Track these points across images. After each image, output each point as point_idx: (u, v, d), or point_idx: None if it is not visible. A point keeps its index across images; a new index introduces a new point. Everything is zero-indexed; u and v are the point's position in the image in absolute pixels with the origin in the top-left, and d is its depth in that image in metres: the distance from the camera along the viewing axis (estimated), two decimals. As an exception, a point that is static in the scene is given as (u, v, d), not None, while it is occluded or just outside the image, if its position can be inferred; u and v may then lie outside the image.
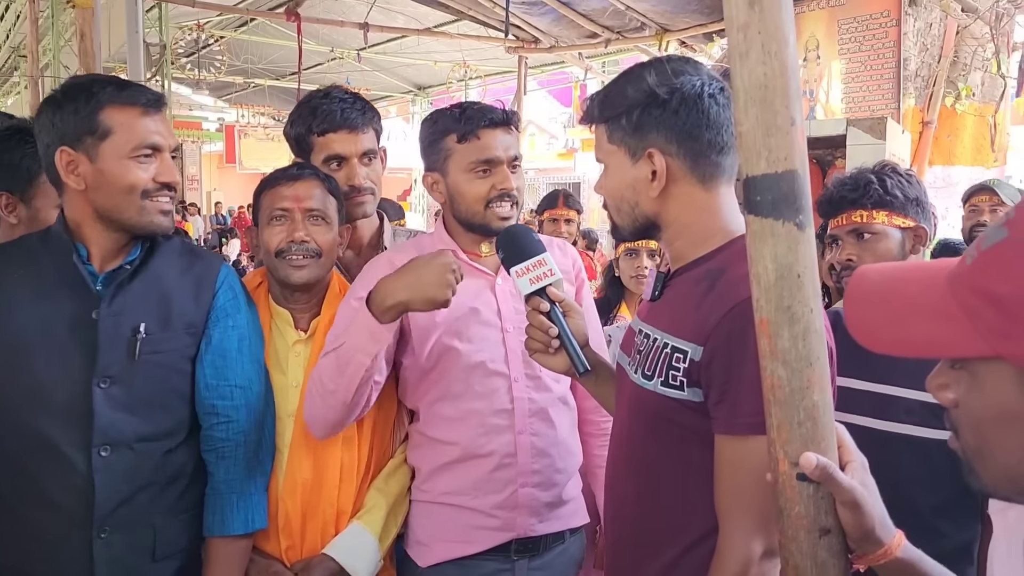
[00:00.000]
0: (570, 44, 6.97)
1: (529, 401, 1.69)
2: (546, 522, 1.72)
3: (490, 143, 1.66)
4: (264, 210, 1.72)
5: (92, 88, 1.47)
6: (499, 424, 1.67)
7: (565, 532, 1.77)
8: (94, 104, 1.45)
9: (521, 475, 1.67)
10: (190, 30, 9.55)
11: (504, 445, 1.67)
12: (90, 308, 1.47)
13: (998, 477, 0.73)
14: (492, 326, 1.69)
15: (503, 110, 1.69)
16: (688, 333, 1.17)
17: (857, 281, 0.82)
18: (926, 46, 5.83)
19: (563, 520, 1.75)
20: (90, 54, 3.81)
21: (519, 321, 1.67)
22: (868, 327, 0.79)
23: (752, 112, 0.92)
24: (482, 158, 1.65)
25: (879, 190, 1.68)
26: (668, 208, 1.25)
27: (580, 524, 1.81)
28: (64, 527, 1.45)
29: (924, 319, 0.73)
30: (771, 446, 0.96)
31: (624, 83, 1.25)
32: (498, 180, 1.66)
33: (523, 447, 1.67)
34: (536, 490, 1.69)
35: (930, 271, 0.76)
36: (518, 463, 1.67)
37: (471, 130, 1.65)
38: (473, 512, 1.68)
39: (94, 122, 1.45)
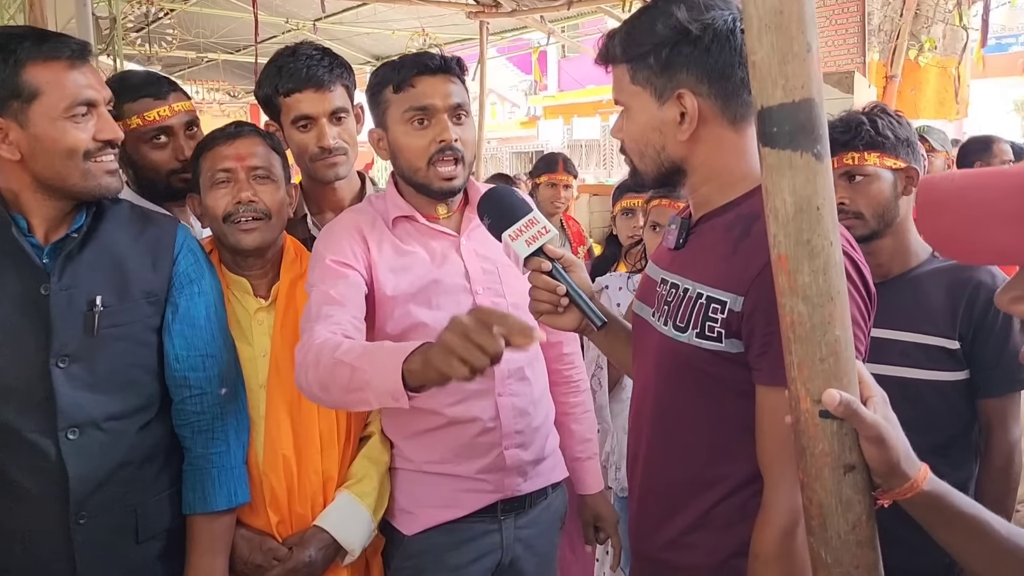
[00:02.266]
0: (532, 7, 6.86)
1: (506, 362, 1.62)
2: (530, 480, 1.70)
3: (426, 90, 1.55)
4: (205, 173, 1.61)
5: (8, 45, 1.32)
6: (477, 389, 1.62)
7: (547, 488, 1.76)
8: (14, 63, 1.31)
9: (505, 437, 1.65)
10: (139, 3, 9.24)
11: (486, 409, 1.63)
12: (38, 283, 1.36)
13: None
14: (461, 290, 1.62)
15: (441, 55, 1.59)
16: (725, 282, 1.12)
17: (927, 189, 0.79)
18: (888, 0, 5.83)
19: (545, 476, 1.74)
20: (40, 24, 3.65)
21: (488, 282, 1.63)
22: (946, 235, 0.77)
23: (767, 39, 0.89)
24: (416, 105, 1.55)
25: (870, 131, 1.66)
26: (696, 151, 1.19)
27: (560, 479, 1.81)
28: (39, 516, 1.37)
29: (1005, 225, 0.71)
30: (792, 384, 0.94)
31: (650, 19, 1.17)
32: (437, 131, 1.56)
33: (505, 409, 1.64)
34: (520, 450, 1.67)
35: (1006, 177, 0.73)
36: (501, 426, 1.64)
37: (405, 78, 1.56)
38: (459, 479, 1.64)
39: (17, 83, 1.31)
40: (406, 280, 1.58)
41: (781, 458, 1.07)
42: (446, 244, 1.65)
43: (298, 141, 1.81)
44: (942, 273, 1.64)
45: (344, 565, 1.62)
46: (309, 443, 1.61)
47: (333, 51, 1.86)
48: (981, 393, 1.60)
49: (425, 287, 1.59)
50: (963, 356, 1.59)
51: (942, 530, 0.94)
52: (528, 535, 1.72)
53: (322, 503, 1.62)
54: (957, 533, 0.94)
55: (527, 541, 1.72)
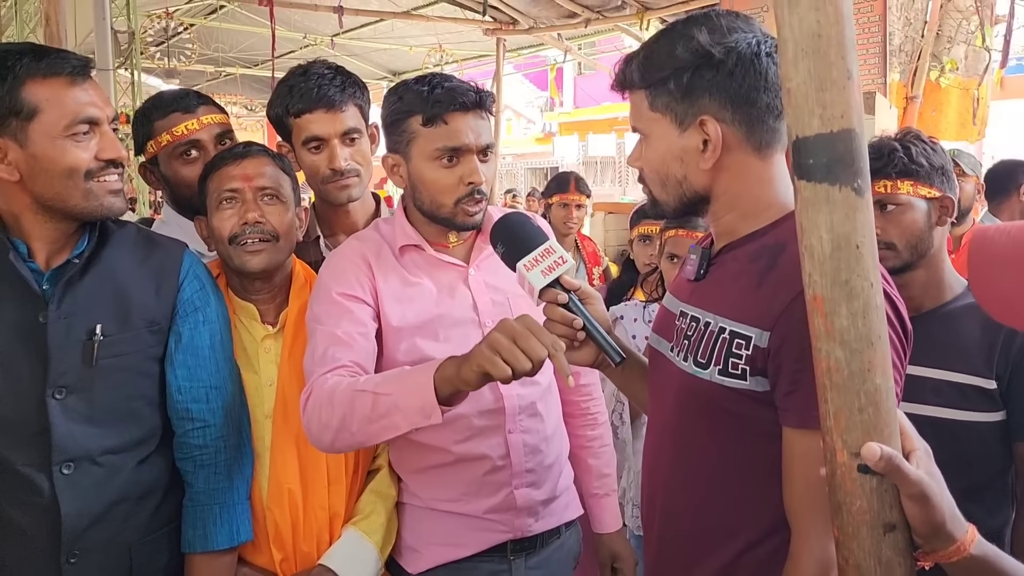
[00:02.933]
0: (549, 25, 6.85)
1: (518, 397, 1.57)
2: (542, 519, 1.63)
3: (459, 129, 1.47)
4: (212, 194, 1.56)
5: (6, 61, 1.27)
6: (487, 425, 1.55)
7: (561, 527, 1.69)
8: (12, 80, 1.26)
9: (515, 476, 1.57)
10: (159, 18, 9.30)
11: (495, 447, 1.56)
12: (36, 311, 1.31)
13: None
14: (469, 322, 1.55)
15: (476, 90, 1.51)
16: (749, 316, 1.06)
17: (981, 244, 0.73)
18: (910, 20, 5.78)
19: (557, 515, 1.67)
20: (57, 40, 3.63)
21: (497, 314, 1.56)
22: (1007, 299, 0.69)
23: (803, 65, 0.83)
24: (449, 145, 1.47)
25: (903, 158, 1.59)
26: (720, 180, 1.13)
27: (575, 517, 1.73)
28: (28, 554, 1.31)
29: None
30: (827, 435, 0.88)
31: (669, 42, 1.11)
32: (466, 172, 1.49)
33: (515, 446, 1.57)
34: (531, 489, 1.59)
35: None
36: (512, 464, 1.57)
37: (438, 113, 1.47)
38: (467, 517, 1.57)
39: (16, 101, 1.26)
40: (412, 312, 1.52)
41: (811, 506, 1.00)
42: (454, 275, 1.58)
43: (309, 163, 1.76)
44: (978, 308, 1.55)
45: (350, 604, 1.55)
46: (316, 477, 1.55)
47: (347, 69, 1.81)
48: (1018, 435, 1.52)
49: (431, 320, 1.53)
50: (1000, 396, 1.51)
51: None
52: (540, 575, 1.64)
53: (328, 540, 1.56)
54: None
55: None
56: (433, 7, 7.56)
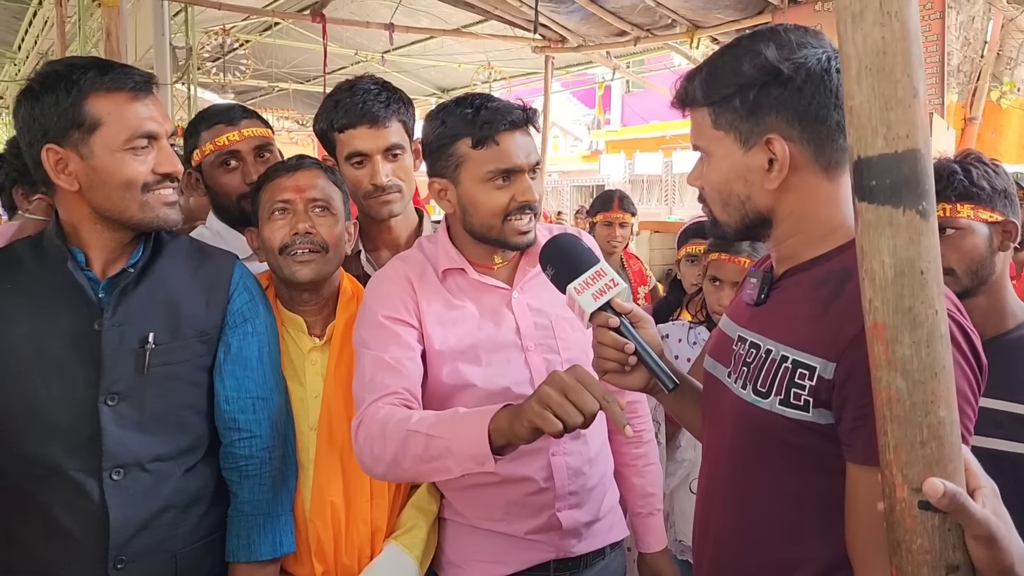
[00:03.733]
0: (598, 43, 6.84)
1: None
2: (585, 541, 1.60)
3: (510, 149, 1.46)
4: (264, 205, 1.59)
5: (72, 75, 1.31)
6: (531, 447, 1.51)
7: (605, 548, 1.65)
8: (76, 93, 1.30)
9: (559, 498, 1.55)
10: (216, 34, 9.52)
11: (539, 470, 1.54)
12: (91, 319, 1.34)
13: None
14: (512, 347, 1.53)
15: (522, 108, 1.49)
16: (814, 346, 1.01)
17: None
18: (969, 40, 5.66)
19: (601, 537, 1.64)
20: (116, 55, 3.74)
21: (540, 338, 1.54)
22: None
23: (867, 83, 0.80)
24: (502, 167, 1.45)
25: (964, 181, 1.54)
26: (785, 201, 1.09)
27: (620, 539, 1.70)
28: (77, 558, 1.33)
29: None
30: (886, 468, 0.84)
31: (735, 58, 1.08)
32: (519, 191, 1.47)
33: (559, 469, 1.55)
34: (575, 511, 1.57)
35: None
36: (555, 487, 1.54)
37: (489, 135, 1.45)
38: (509, 537, 1.56)
39: (80, 113, 1.30)
40: (454, 336, 1.50)
41: (875, 546, 0.95)
42: (497, 298, 1.56)
43: (352, 177, 1.77)
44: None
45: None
46: (359, 491, 1.55)
47: (393, 85, 1.82)
48: (1087, 471, 1.45)
49: (474, 344, 1.51)
50: (1066, 429, 1.45)
51: None
52: None
53: (369, 554, 1.56)
54: None
55: None
56: (483, 25, 7.61)
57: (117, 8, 3.67)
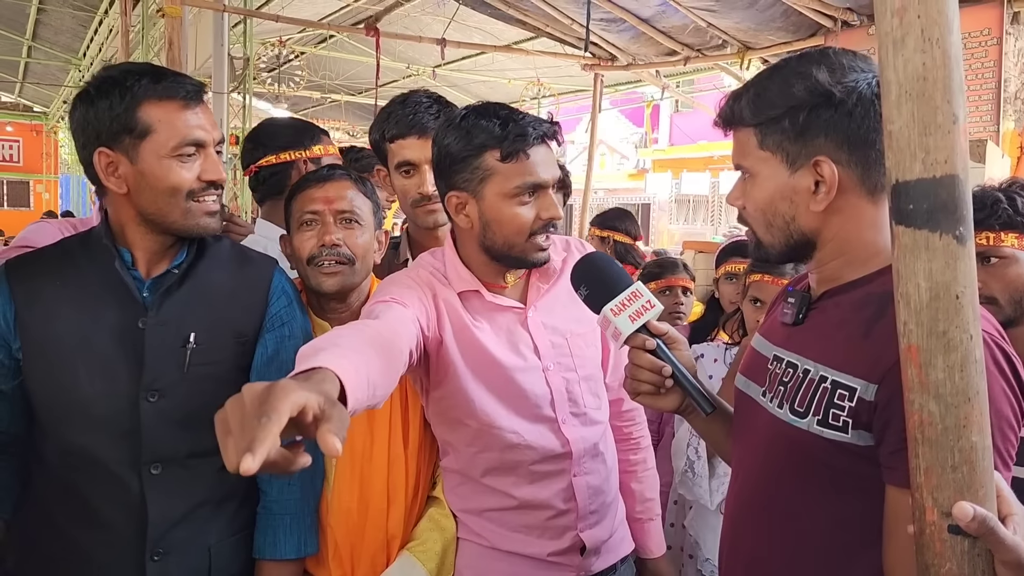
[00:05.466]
0: (648, 62, 6.85)
1: (582, 440, 1.54)
2: (602, 557, 1.60)
3: (539, 163, 1.42)
4: (295, 215, 1.61)
5: (126, 82, 1.34)
6: (551, 470, 1.52)
7: (617, 563, 1.64)
8: (130, 100, 1.33)
9: (581, 519, 1.54)
10: (272, 45, 9.75)
11: (560, 492, 1.52)
12: (136, 317, 1.38)
13: None
14: (531, 368, 1.51)
15: (549, 121, 1.47)
16: (855, 367, 1.01)
17: None
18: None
19: (615, 552, 1.63)
20: (177, 63, 3.86)
21: (557, 356, 1.53)
22: None
23: (907, 108, 0.81)
24: (531, 181, 1.41)
25: (1008, 210, 1.52)
26: (830, 223, 1.09)
27: (629, 551, 1.69)
28: (116, 549, 1.37)
29: None
30: (916, 491, 0.84)
31: (785, 80, 1.08)
32: (544, 207, 1.44)
33: (580, 490, 1.54)
34: (595, 530, 1.56)
35: None
36: (578, 508, 1.53)
37: (520, 147, 1.40)
38: (529, 559, 1.54)
39: (132, 119, 1.33)
40: (475, 357, 1.48)
41: (912, 571, 0.95)
42: (511, 318, 1.53)
43: (401, 186, 1.81)
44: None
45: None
46: (374, 499, 1.56)
47: (445, 99, 1.86)
48: None
49: (496, 364, 1.48)
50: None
51: None
52: None
53: (384, 562, 1.56)
54: None
55: None
56: (533, 42, 7.68)
57: (180, 19, 3.79)
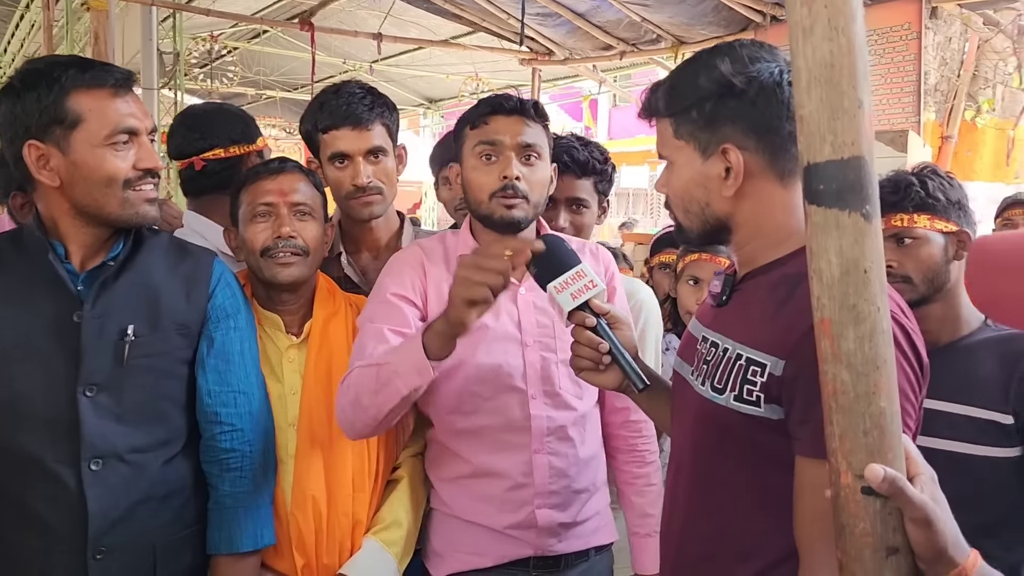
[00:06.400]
0: (584, 56, 6.93)
1: (547, 419, 1.60)
2: (565, 541, 1.64)
3: (498, 128, 1.58)
4: (246, 207, 1.62)
5: (53, 72, 1.33)
6: (513, 442, 1.59)
7: (590, 550, 1.69)
8: (58, 90, 1.32)
9: (538, 496, 1.59)
10: (203, 40, 9.54)
11: (519, 464, 1.59)
12: (71, 310, 1.36)
13: None
14: (511, 339, 1.60)
15: (518, 98, 1.62)
16: (766, 344, 1.07)
17: (981, 252, 0.77)
18: (946, 60, 5.77)
19: (584, 539, 1.67)
20: (104, 58, 3.77)
21: (541, 335, 1.60)
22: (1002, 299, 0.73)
23: (816, 93, 0.85)
24: (485, 139, 1.58)
25: (920, 192, 1.60)
26: (742, 208, 1.15)
27: (606, 543, 1.73)
28: (55, 550, 1.34)
29: None
30: (832, 457, 0.89)
31: (693, 72, 1.14)
32: (502, 168, 1.56)
33: (540, 467, 1.59)
34: (554, 511, 1.61)
35: None
36: (534, 483, 1.59)
37: (482, 114, 1.60)
38: (488, 530, 1.60)
39: (61, 110, 1.32)
40: None
41: (819, 536, 1.00)
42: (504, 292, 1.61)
43: (334, 178, 1.81)
44: (995, 343, 1.57)
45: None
46: (341, 485, 1.58)
47: (378, 90, 1.86)
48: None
49: (477, 329, 1.53)
50: (1017, 431, 1.51)
51: None
52: None
53: (350, 546, 1.59)
54: None
55: None
56: (471, 36, 7.68)
57: (106, 12, 3.70)
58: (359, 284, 1.88)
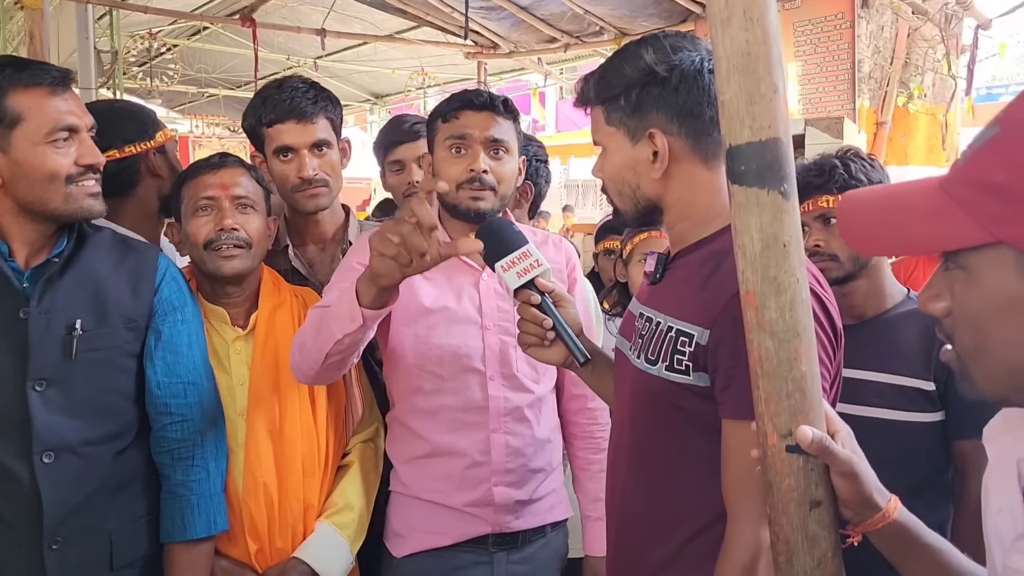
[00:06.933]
0: (529, 49, 6.97)
1: (504, 400, 1.66)
2: (522, 518, 1.70)
3: (467, 122, 1.64)
4: (188, 201, 1.64)
5: None
6: (471, 421, 1.65)
7: (546, 527, 1.75)
8: None
9: (495, 474, 1.65)
10: (142, 38, 9.35)
11: (477, 444, 1.65)
12: (17, 307, 1.38)
13: (996, 374, 0.75)
14: (471, 322, 1.66)
15: (488, 93, 1.68)
16: (693, 316, 1.13)
17: (848, 201, 0.86)
18: (879, 48, 5.94)
19: (540, 516, 1.73)
20: (40, 58, 3.70)
21: (500, 319, 1.66)
22: (866, 236, 0.83)
23: (735, 80, 0.91)
24: (455, 134, 1.64)
25: (844, 174, 1.69)
26: (670, 189, 1.21)
27: (560, 519, 1.79)
28: (12, 542, 1.36)
29: (922, 220, 0.76)
30: (759, 419, 0.95)
31: (620, 62, 1.21)
32: (469, 161, 1.63)
33: (497, 446, 1.65)
34: (510, 489, 1.67)
35: (919, 183, 0.81)
36: (492, 462, 1.65)
37: (452, 109, 1.66)
38: (447, 509, 1.66)
39: (0, 109, 1.35)
40: (418, 301, 1.64)
41: (743, 493, 1.07)
42: (467, 277, 1.69)
43: (279, 172, 1.83)
44: (916, 315, 1.65)
45: (321, 596, 1.61)
46: (291, 470, 1.62)
47: (321, 85, 1.88)
48: (956, 434, 1.61)
49: (437, 311, 1.64)
50: (938, 397, 1.60)
51: (910, 563, 0.95)
52: (522, 571, 1.71)
53: (302, 532, 1.62)
54: (926, 565, 0.94)
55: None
56: (416, 31, 7.67)
57: (40, 11, 3.62)
58: (307, 276, 1.91)
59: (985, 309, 0.73)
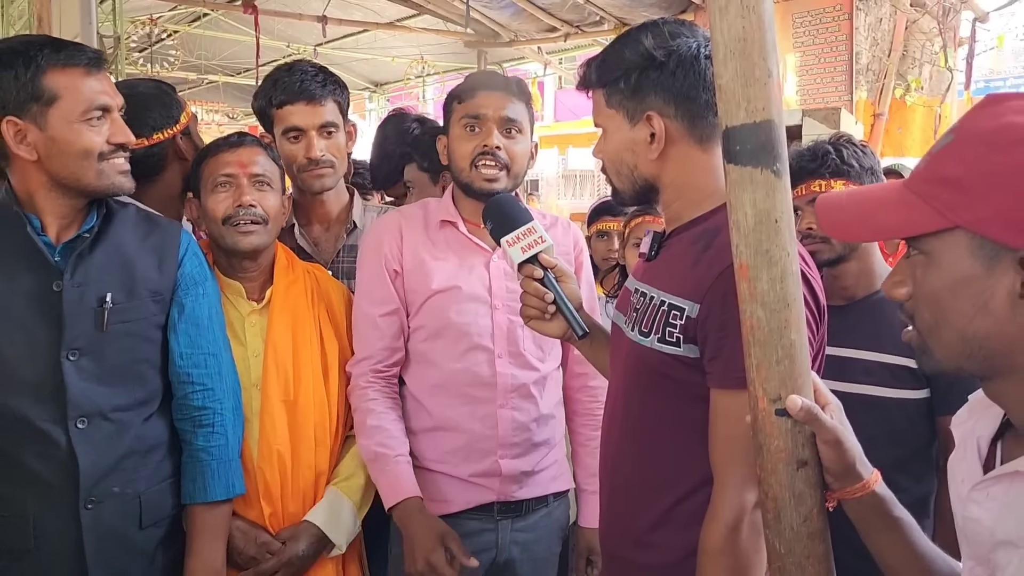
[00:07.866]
0: (529, 38, 7.01)
1: (511, 377, 1.73)
2: (526, 488, 1.77)
3: (482, 102, 1.70)
4: (207, 178, 1.70)
5: (29, 52, 1.40)
6: (479, 396, 1.71)
7: (548, 496, 1.82)
8: (34, 69, 1.39)
9: (501, 447, 1.72)
10: (143, 24, 9.36)
11: (484, 418, 1.71)
12: (51, 280, 1.43)
13: (951, 343, 0.84)
14: (481, 301, 1.72)
15: (503, 75, 1.75)
16: (685, 291, 1.19)
17: (825, 197, 0.96)
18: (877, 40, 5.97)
19: (543, 486, 1.80)
20: (46, 41, 3.73)
21: (509, 299, 1.72)
22: (841, 224, 0.92)
23: (731, 65, 0.97)
24: (470, 113, 1.70)
25: (836, 160, 1.75)
26: (667, 170, 1.27)
27: (562, 489, 1.86)
28: (50, 501, 1.44)
29: (888, 210, 0.87)
30: (751, 385, 1.01)
31: (621, 47, 1.27)
32: (483, 138, 1.69)
33: (504, 420, 1.72)
34: (515, 461, 1.74)
35: (888, 184, 0.92)
36: (498, 435, 1.72)
37: (467, 90, 1.72)
38: (454, 479, 1.73)
39: (38, 88, 1.39)
40: (429, 282, 1.71)
41: (729, 458, 1.13)
42: (478, 257, 1.75)
43: (288, 152, 1.89)
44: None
45: (329, 557, 1.70)
46: (304, 439, 1.69)
47: (328, 69, 1.95)
48: (940, 410, 1.67)
49: (448, 291, 1.71)
50: (923, 375, 1.66)
51: (880, 536, 1.00)
52: (526, 539, 1.78)
53: (313, 497, 1.69)
54: (895, 540, 0.99)
55: (524, 545, 1.78)
56: (416, 19, 7.69)
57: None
58: (312, 255, 1.97)
59: (943, 287, 0.83)
